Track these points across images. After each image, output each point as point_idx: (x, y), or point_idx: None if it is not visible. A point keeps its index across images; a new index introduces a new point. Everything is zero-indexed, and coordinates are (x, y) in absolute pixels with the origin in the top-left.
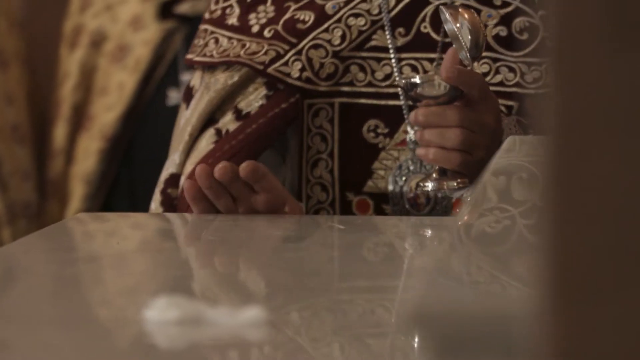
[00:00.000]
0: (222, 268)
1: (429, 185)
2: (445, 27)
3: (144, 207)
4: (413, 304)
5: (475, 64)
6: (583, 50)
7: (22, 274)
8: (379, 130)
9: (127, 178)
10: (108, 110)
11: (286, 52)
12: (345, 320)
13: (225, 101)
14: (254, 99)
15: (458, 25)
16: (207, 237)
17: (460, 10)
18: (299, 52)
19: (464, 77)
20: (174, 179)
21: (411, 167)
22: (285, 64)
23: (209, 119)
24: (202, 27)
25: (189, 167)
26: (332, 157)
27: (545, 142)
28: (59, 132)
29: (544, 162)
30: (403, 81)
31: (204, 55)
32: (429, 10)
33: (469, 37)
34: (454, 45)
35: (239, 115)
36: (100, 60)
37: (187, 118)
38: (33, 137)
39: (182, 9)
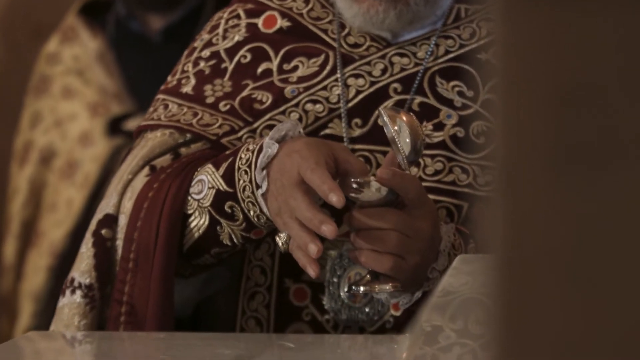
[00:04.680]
0: None
1: (361, 288)
2: (385, 129)
3: None
4: None
5: (429, 160)
6: (529, 180)
7: None
8: None
9: None
10: (57, 226)
11: (240, 128)
12: None
13: (166, 152)
14: (195, 148)
15: (396, 128)
16: (159, 356)
17: (400, 113)
18: (253, 131)
19: (399, 179)
20: (108, 220)
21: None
22: (239, 139)
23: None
24: (156, 97)
25: (127, 205)
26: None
27: (493, 269)
28: (9, 249)
29: (493, 288)
30: (338, 180)
31: (152, 119)
32: (387, 104)
33: (407, 140)
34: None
35: (176, 156)
36: (50, 176)
37: (128, 163)
38: None
39: (131, 125)
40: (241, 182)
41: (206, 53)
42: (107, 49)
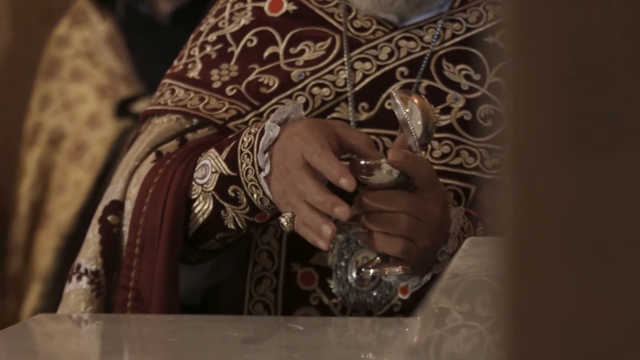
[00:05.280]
0: None
1: (370, 271)
2: (396, 112)
3: None
4: None
5: (437, 144)
6: (538, 165)
7: None
8: None
9: None
10: (65, 208)
11: (247, 112)
12: None
13: (173, 138)
14: (201, 133)
15: (408, 110)
16: (167, 338)
17: (411, 95)
18: (260, 115)
19: (410, 162)
20: (114, 206)
21: (359, 241)
22: (245, 123)
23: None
24: (162, 81)
25: (132, 191)
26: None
27: (502, 252)
28: (18, 230)
29: (501, 271)
30: (348, 162)
31: (158, 104)
32: (395, 87)
33: (419, 123)
34: (403, 131)
35: (182, 142)
36: (58, 158)
37: (135, 149)
38: None
39: (139, 107)
40: (244, 165)
41: (212, 37)
42: (116, 32)
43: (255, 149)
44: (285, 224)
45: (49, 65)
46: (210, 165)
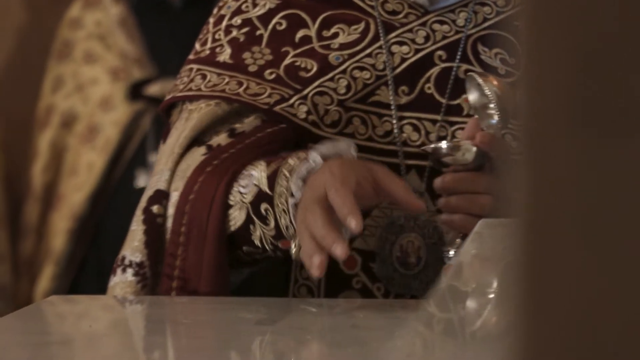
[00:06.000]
0: (194, 351)
1: (451, 252)
2: (471, 94)
3: None
4: None
5: None
6: (551, 145)
7: None
8: None
9: (95, 259)
10: (77, 190)
11: (290, 96)
12: None
13: (216, 124)
14: (249, 123)
15: (488, 92)
16: (180, 319)
17: (490, 77)
18: (304, 97)
19: (496, 144)
20: (159, 196)
21: (403, 224)
22: (291, 106)
23: (195, 140)
24: (187, 67)
25: (179, 183)
26: None
27: (514, 232)
28: (31, 211)
29: (514, 252)
30: (431, 146)
31: (190, 90)
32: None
33: (500, 104)
34: (475, 114)
35: (232, 133)
36: (71, 140)
37: (177, 136)
38: (9, 218)
39: (152, 90)
40: (279, 187)
41: (237, 21)
42: (128, 14)
43: (294, 174)
44: (292, 250)
45: (62, 47)
46: (254, 177)
